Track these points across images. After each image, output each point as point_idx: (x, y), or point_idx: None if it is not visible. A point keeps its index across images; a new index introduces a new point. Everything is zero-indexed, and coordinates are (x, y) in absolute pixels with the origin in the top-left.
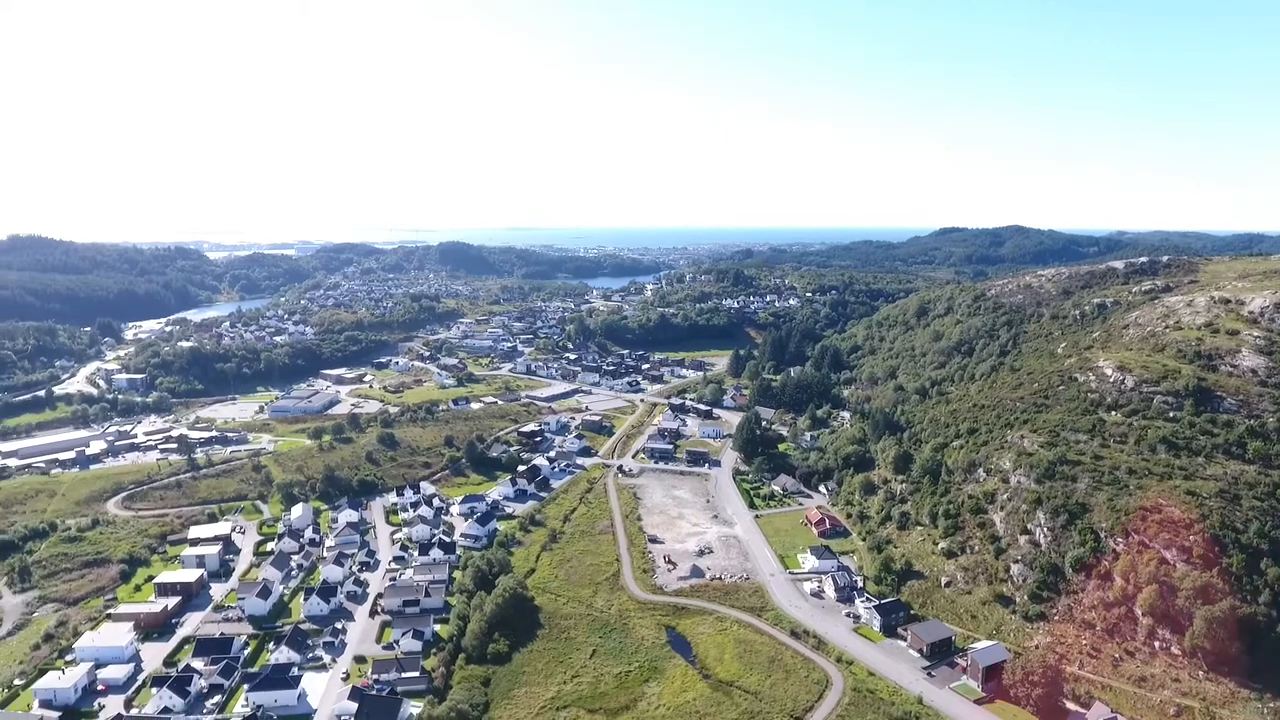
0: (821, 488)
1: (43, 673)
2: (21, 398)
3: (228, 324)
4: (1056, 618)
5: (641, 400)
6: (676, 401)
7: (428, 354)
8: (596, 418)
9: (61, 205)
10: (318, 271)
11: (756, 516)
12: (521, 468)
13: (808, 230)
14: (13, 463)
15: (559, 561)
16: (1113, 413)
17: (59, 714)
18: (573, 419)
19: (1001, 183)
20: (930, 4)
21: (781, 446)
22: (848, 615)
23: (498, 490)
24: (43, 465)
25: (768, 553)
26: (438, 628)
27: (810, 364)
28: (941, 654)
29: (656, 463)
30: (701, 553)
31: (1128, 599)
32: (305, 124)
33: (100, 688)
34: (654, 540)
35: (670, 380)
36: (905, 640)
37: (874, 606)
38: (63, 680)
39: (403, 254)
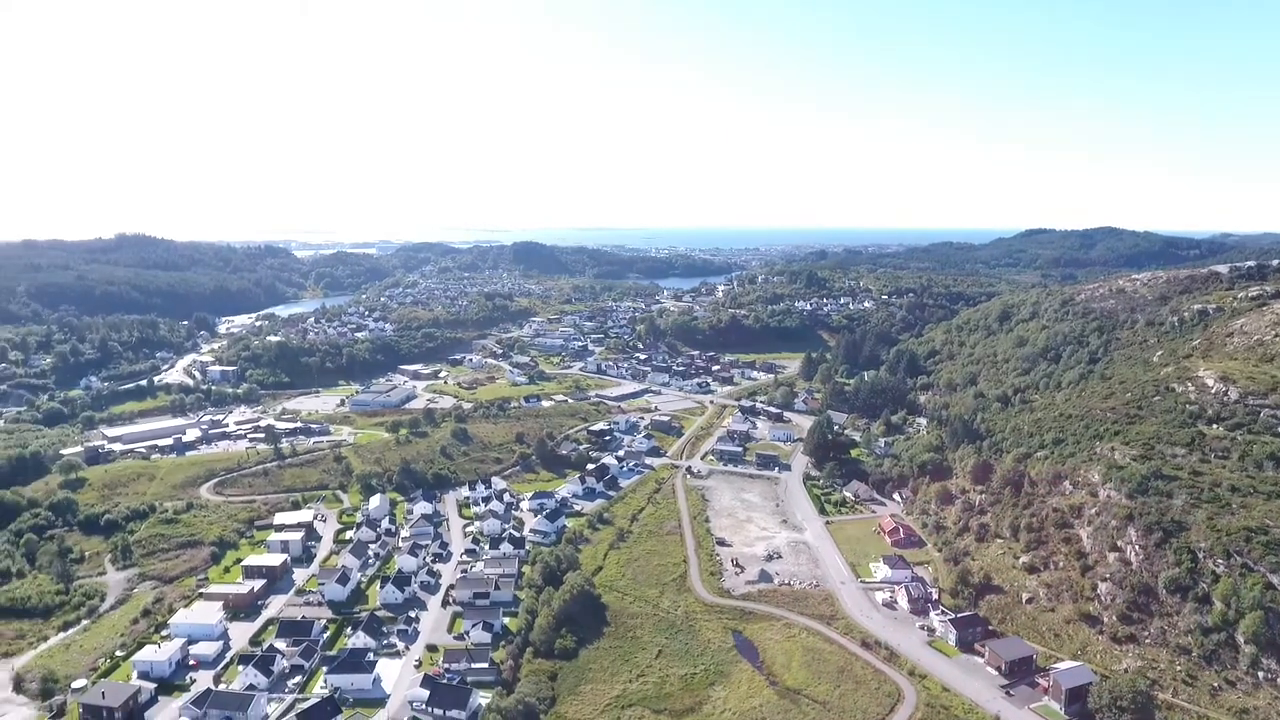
0: (895, 495)
1: (141, 645)
2: (126, 386)
3: (312, 320)
4: (1148, 641)
5: (711, 402)
6: (746, 404)
7: (500, 352)
8: (665, 418)
9: (164, 205)
10: (397, 270)
11: (827, 523)
12: (590, 466)
13: (884, 231)
14: (117, 447)
15: (626, 560)
16: (1214, 426)
17: (155, 685)
18: (642, 419)
19: (1092, 182)
20: (1011, 1)
21: (854, 452)
22: (922, 628)
23: (567, 488)
24: (144, 450)
25: (838, 560)
26: (507, 621)
27: (885, 368)
28: (1021, 673)
29: (725, 465)
30: (770, 557)
31: (1228, 625)
32: (388, 127)
33: (192, 663)
34: (721, 543)
35: (740, 382)
36: (982, 656)
37: (950, 620)
38: (159, 654)
39: (478, 253)
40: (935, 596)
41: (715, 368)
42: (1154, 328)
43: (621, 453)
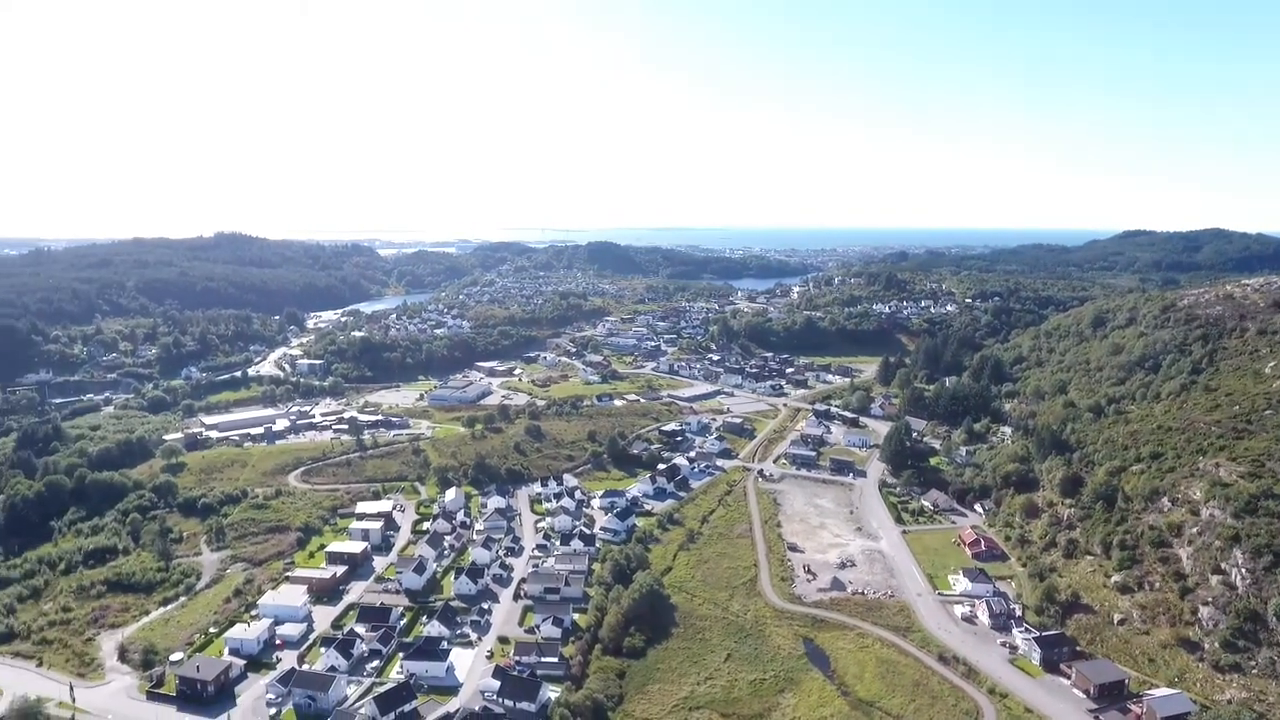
0: (977, 506)
1: (232, 624)
2: (222, 377)
3: (394, 316)
4: (1255, 671)
5: (784, 404)
6: (821, 408)
7: (574, 350)
8: (738, 420)
9: (260, 205)
10: (475, 269)
11: (904, 532)
12: (661, 466)
13: (969, 231)
14: (214, 434)
15: (696, 562)
16: None
17: (244, 662)
18: (713, 420)
19: (1198, 181)
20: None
21: (933, 460)
22: (1003, 645)
23: (638, 487)
24: (237, 438)
25: (915, 571)
26: (576, 616)
27: (968, 374)
28: (1111, 697)
29: (798, 469)
30: (843, 565)
31: None
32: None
33: (278, 642)
34: (793, 548)
35: (815, 385)
36: (1069, 678)
37: (1034, 638)
38: (248, 632)
39: (553, 253)
40: (1018, 613)
41: (789, 370)
42: (1267, 337)
43: (693, 454)
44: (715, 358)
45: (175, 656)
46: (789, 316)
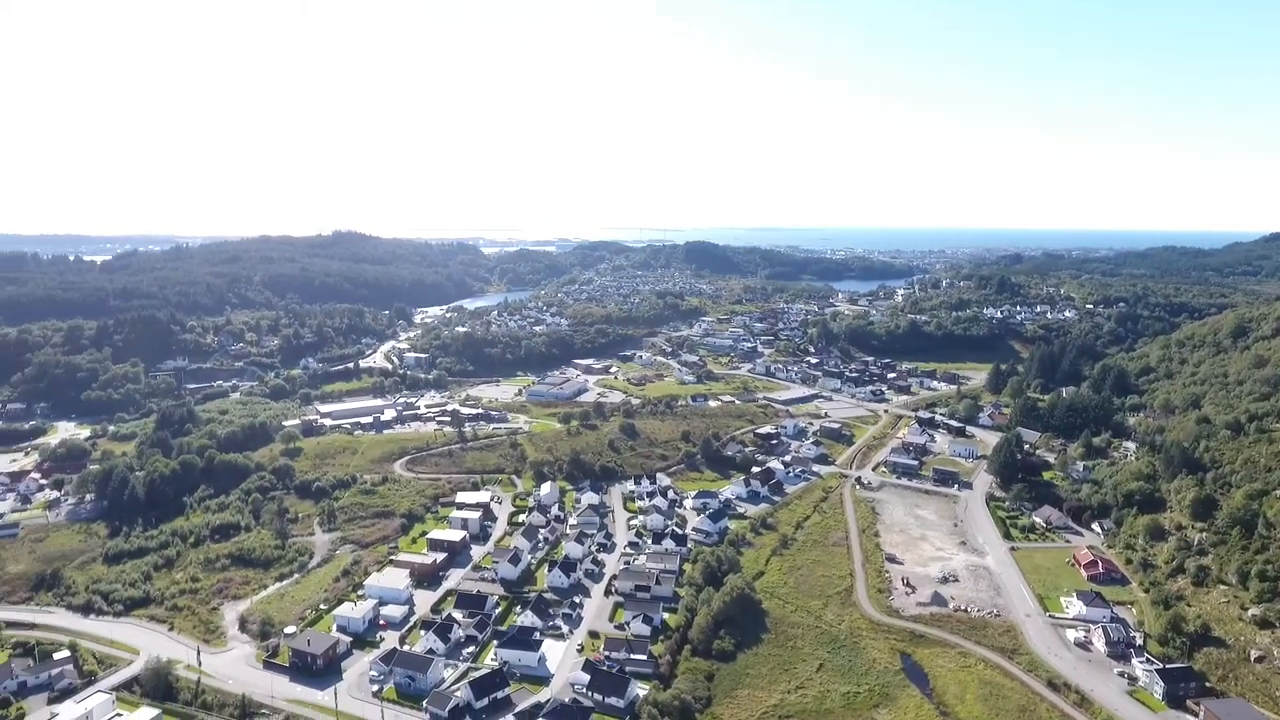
0: (1095, 526)
1: (340, 602)
2: (336, 368)
3: (495, 313)
4: None
5: (885, 411)
6: (924, 415)
7: (669, 350)
8: (835, 425)
9: (374, 205)
10: (574, 267)
11: (1012, 549)
12: (755, 469)
13: (1092, 233)
14: (327, 422)
15: (789, 568)
16: None
17: (350, 639)
18: (810, 424)
19: None
20: None
21: (1046, 474)
22: (1121, 675)
23: (731, 489)
24: (348, 426)
25: (1024, 590)
26: (666, 616)
27: (1087, 385)
28: None
29: (899, 478)
30: (945, 579)
31: None
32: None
33: (381, 623)
34: (892, 560)
35: (918, 392)
36: (1196, 716)
37: (1157, 670)
38: (354, 611)
39: (650, 252)
40: (1139, 642)
41: (891, 375)
42: None
43: (788, 458)
44: (813, 361)
45: (289, 629)
46: (892, 320)
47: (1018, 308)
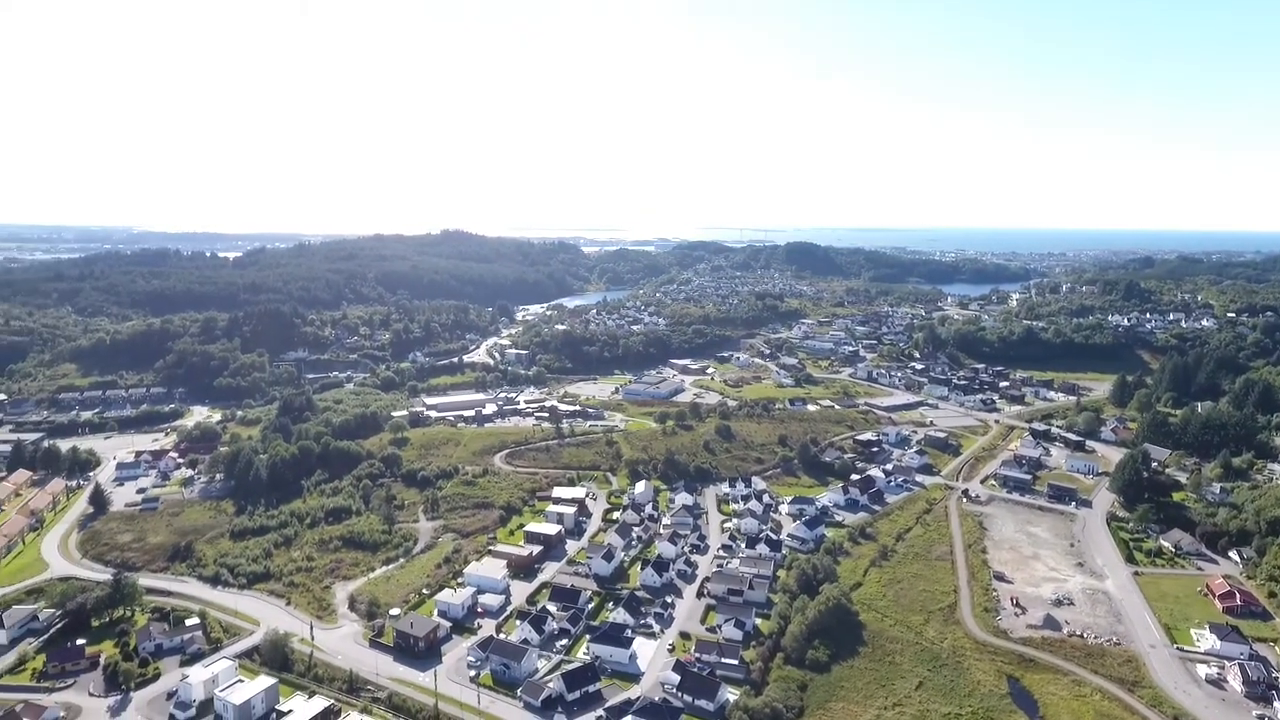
0: (1232, 554)
1: (441, 588)
2: (442, 362)
3: (594, 312)
4: None
5: (996, 421)
6: (1040, 427)
7: (768, 352)
8: (941, 434)
9: (479, 205)
10: (673, 267)
11: (1135, 574)
12: (855, 476)
13: (1235, 235)
14: (433, 414)
15: (888, 581)
16: None
17: (450, 624)
18: (914, 432)
19: None
20: None
21: (1176, 495)
22: (1260, 718)
23: (828, 496)
24: (452, 419)
25: (1148, 619)
26: (759, 621)
27: (1227, 400)
28: None
29: (1009, 492)
30: (1059, 602)
31: None
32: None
33: (479, 610)
34: (1000, 578)
35: (1033, 402)
36: None
37: None
38: (454, 598)
39: (750, 253)
40: None
41: (1003, 384)
42: None
43: (889, 466)
44: (919, 366)
45: (394, 611)
46: (1005, 325)
47: (1147, 315)
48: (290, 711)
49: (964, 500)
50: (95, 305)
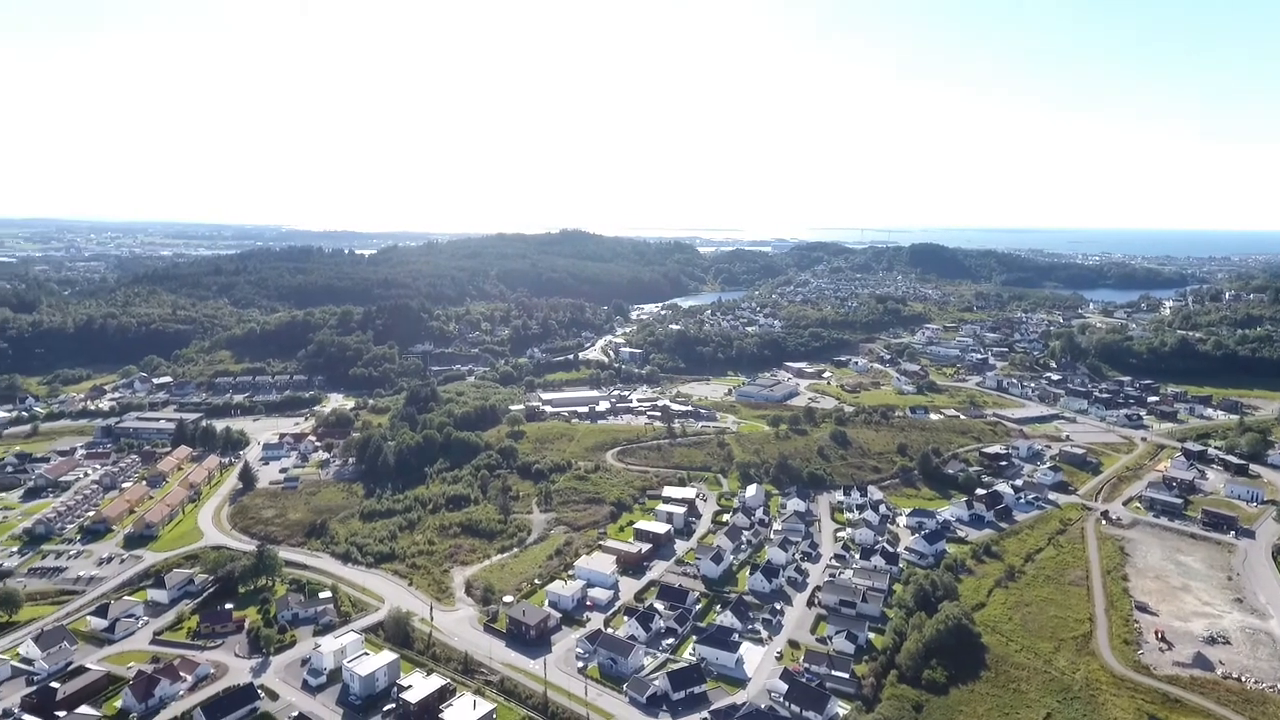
0: None
1: (552, 579)
2: (558, 359)
3: (709, 312)
4: None
5: (1143, 439)
6: (1194, 447)
7: (888, 357)
8: (1079, 450)
9: (597, 205)
10: (790, 268)
11: None
12: (980, 491)
13: None
14: (548, 409)
15: (1015, 603)
16: None
17: (560, 615)
18: (1048, 447)
19: None
20: None
21: None
22: None
23: (950, 510)
24: (566, 414)
25: None
26: (871, 635)
27: None
28: None
29: (1156, 516)
30: (1212, 640)
31: None
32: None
33: (588, 603)
34: (1143, 609)
35: (1187, 420)
36: None
37: None
38: (565, 589)
39: (872, 254)
40: None
41: (1152, 399)
42: None
43: (1019, 482)
44: (1055, 377)
45: (507, 599)
46: (1156, 335)
47: None
48: (410, 686)
49: (1103, 522)
50: (248, 298)
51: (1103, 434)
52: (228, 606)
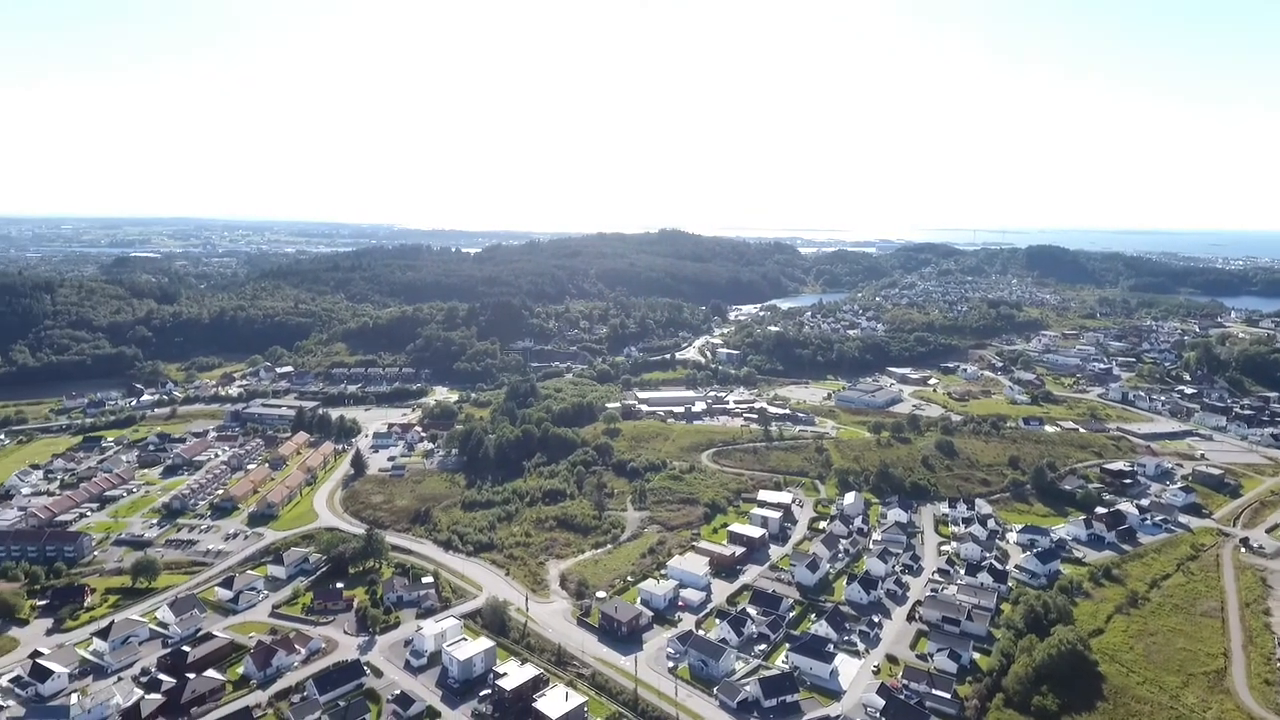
0: None
1: (645, 577)
2: (654, 358)
3: (809, 314)
4: None
5: None
6: None
7: (1000, 364)
8: (1215, 471)
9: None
10: (895, 270)
11: None
12: (1100, 509)
13: None
14: (644, 408)
15: (1138, 632)
16: None
17: (651, 614)
18: (1178, 466)
19: None
20: None
21: None
22: None
23: (1066, 528)
24: (661, 414)
25: None
26: (976, 655)
27: None
28: None
29: None
30: None
31: None
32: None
33: (680, 604)
34: None
35: None
36: None
37: None
38: (657, 588)
39: (984, 256)
40: None
41: None
42: None
43: (1145, 502)
44: (1189, 390)
45: (600, 594)
46: None
47: None
48: (505, 674)
49: (1242, 550)
50: (362, 293)
51: (1244, 454)
52: (338, 585)
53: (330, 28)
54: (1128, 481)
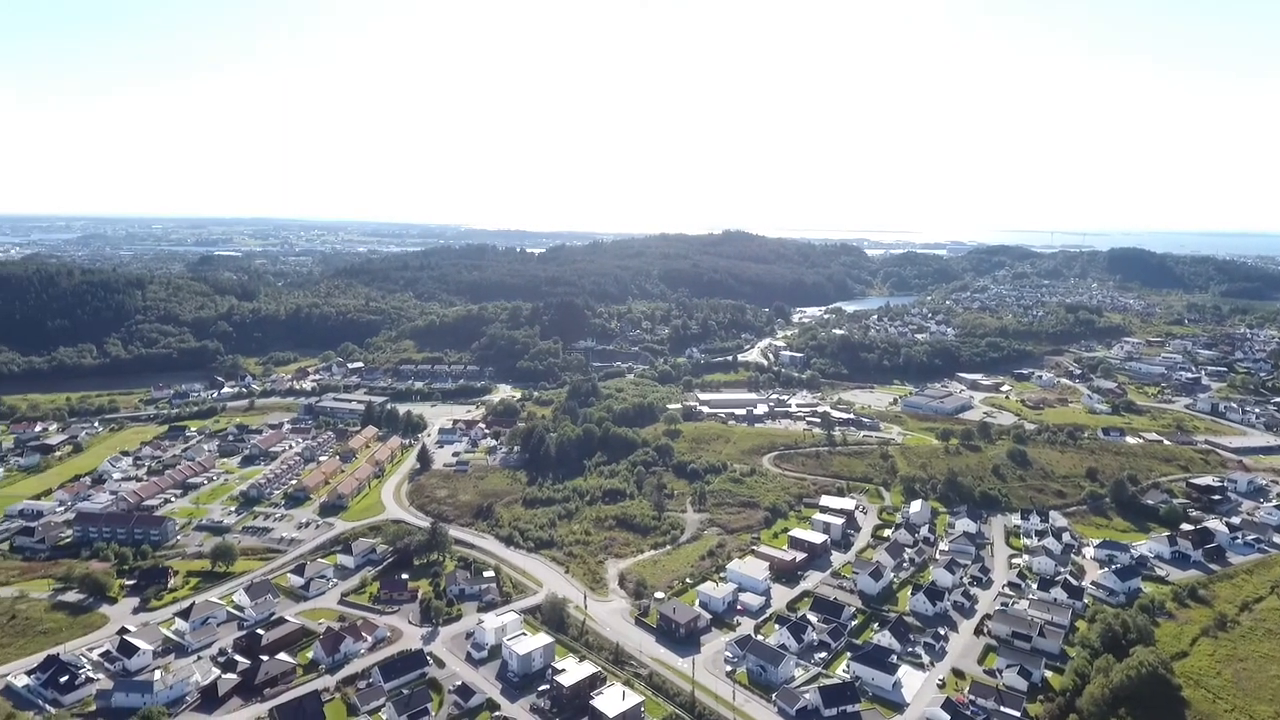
0: None
1: (703, 579)
2: (716, 360)
3: (875, 317)
4: None
5: None
6: None
7: (1077, 372)
8: None
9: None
10: (966, 273)
11: None
12: (1186, 526)
13: None
14: (705, 410)
15: (1226, 657)
16: None
17: (710, 616)
18: (1275, 483)
19: None
20: None
21: None
22: None
23: (1148, 545)
24: (723, 416)
25: None
26: (1048, 674)
27: None
28: None
29: None
30: None
31: None
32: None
33: (739, 607)
34: None
35: None
36: None
37: None
38: (716, 591)
39: (1062, 259)
40: None
41: None
42: None
43: (1236, 520)
44: None
45: (658, 595)
46: None
47: None
48: (564, 670)
49: None
50: (429, 292)
51: None
52: (404, 576)
53: (405, 36)
54: (1217, 497)
